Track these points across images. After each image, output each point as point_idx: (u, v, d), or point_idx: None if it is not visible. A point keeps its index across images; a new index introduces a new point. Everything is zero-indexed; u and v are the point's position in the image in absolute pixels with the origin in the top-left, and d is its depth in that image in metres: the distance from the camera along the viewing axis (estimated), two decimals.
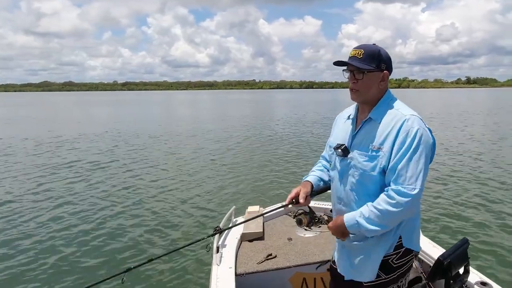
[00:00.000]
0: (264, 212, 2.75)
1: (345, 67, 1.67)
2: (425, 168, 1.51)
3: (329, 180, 1.90)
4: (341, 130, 1.82)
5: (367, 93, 1.64)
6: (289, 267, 2.49)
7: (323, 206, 3.26)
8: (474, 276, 2.08)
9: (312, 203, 3.34)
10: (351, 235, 1.68)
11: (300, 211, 1.88)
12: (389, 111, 1.61)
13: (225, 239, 2.79)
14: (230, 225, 3.04)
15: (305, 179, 1.92)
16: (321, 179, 1.92)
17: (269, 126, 19.95)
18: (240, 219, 3.15)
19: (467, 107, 33.52)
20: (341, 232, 1.68)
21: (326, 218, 3.08)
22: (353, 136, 1.71)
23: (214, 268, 2.39)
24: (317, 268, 2.52)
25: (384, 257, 1.63)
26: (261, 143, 13.68)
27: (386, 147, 1.55)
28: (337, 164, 1.77)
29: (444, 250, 2.07)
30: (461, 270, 1.97)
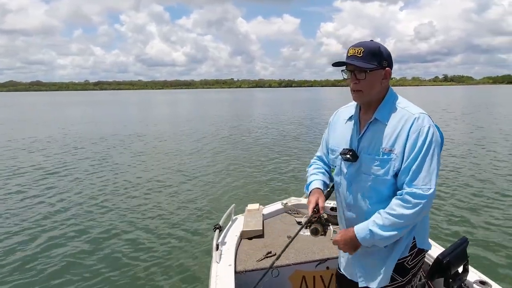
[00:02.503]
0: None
1: (343, 67, 1.60)
2: (438, 166, 1.50)
3: (330, 183, 1.87)
4: (342, 132, 1.75)
5: (370, 93, 1.58)
6: (289, 265, 2.53)
7: None
8: (473, 275, 2.12)
9: None
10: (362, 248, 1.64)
11: (313, 220, 1.87)
12: (396, 111, 1.57)
13: (224, 236, 2.83)
14: (230, 222, 3.08)
15: (314, 186, 1.82)
16: (325, 184, 1.86)
17: (264, 125, 20.19)
18: (240, 217, 3.20)
19: (448, 105, 34.24)
20: (353, 245, 1.62)
21: (325, 216, 3.15)
22: (359, 139, 1.65)
23: (214, 265, 2.42)
24: (316, 266, 2.57)
25: (399, 260, 1.62)
26: (259, 142, 13.92)
27: (398, 148, 1.52)
28: (344, 170, 1.71)
29: (443, 249, 2.10)
30: (460, 269, 2.00)
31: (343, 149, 1.68)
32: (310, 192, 1.82)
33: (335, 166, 1.78)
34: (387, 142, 1.55)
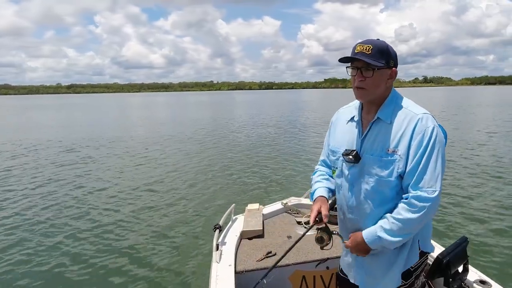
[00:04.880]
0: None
1: (348, 64, 1.59)
2: (443, 167, 1.50)
3: (335, 189, 1.84)
4: (345, 133, 1.72)
5: (375, 91, 1.57)
6: (289, 265, 2.56)
7: None
8: (473, 274, 2.17)
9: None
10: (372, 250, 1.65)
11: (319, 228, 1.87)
12: (400, 111, 1.57)
13: (224, 236, 2.85)
14: (230, 222, 3.09)
15: (318, 195, 1.80)
16: (330, 190, 1.84)
17: (262, 126, 20.34)
18: (240, 216, 3.22)
19: (433, 106, 34.99)
20: (364, 249, 1.62)
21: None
22: (362, 139, 1.63)
23: (214, 265, 2.43)
24: (316, 266, 2.60)
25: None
26: (258, 142, 14.13)
27: (402, 149, 1.51)
28: (346, 171, 1.69)
29: (443, 249, 2.14)
30: (460, 269, 2.06)
31: (346, 149, 1.66)
32: (314, 200, 1.80)
33: (336, 168, 1.76)
34: (390, 143, 1.53)
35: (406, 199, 1.50)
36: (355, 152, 1.62)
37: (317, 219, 1.70)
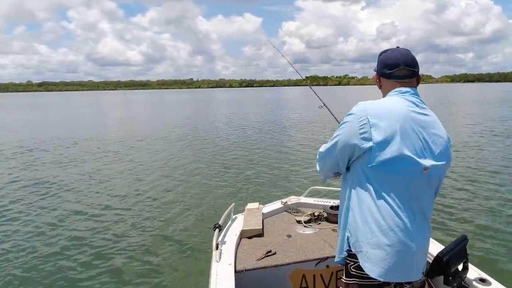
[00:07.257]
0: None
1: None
2: (332, 146, 1.68)
3: None
4: None
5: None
6: (289, 263, 2.58)
7: (323, 203, 3.40)
8: (473, 272, 2.20)
9: (312, 200, 3.53)
10: None
11: None
12: None
13: (224, 235, 2.86)
14: (230, 222, 3.10)
15: None
16: None
17: (257, 125, 20.34)
18: (240, 216, 3.23)
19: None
20: None
21: (325, 215, 3.25)
22: None
23: (214, 264, 2.44)
24: (316, 265, 2.63)
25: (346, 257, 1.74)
26: (258, 142, 14.10)
27: None
28: None
29: (443, 247, 2.15)
30: (460, 267, 2.07)
31: None
32: None
33: None
34: None
35: None
36: None
37: None
